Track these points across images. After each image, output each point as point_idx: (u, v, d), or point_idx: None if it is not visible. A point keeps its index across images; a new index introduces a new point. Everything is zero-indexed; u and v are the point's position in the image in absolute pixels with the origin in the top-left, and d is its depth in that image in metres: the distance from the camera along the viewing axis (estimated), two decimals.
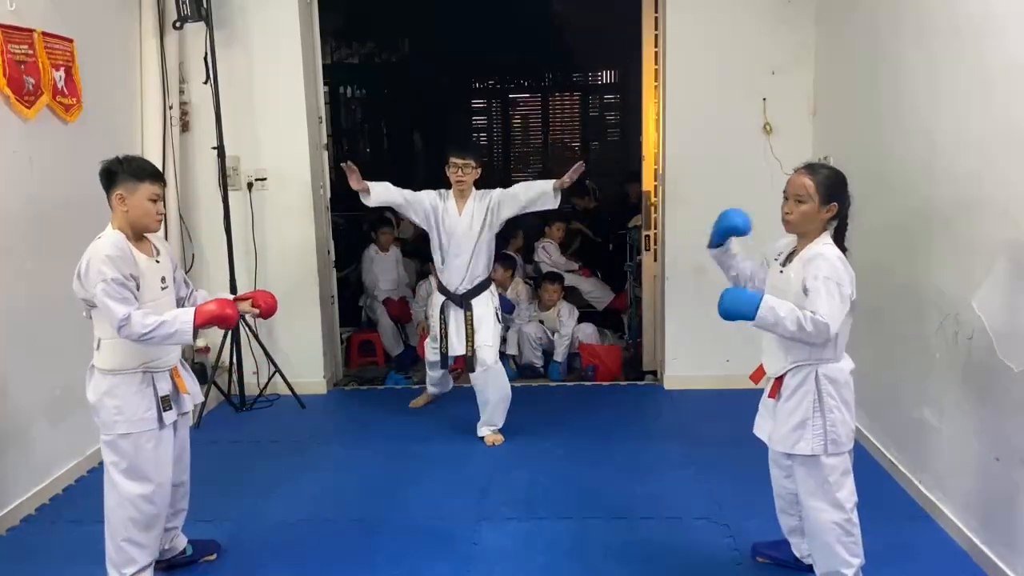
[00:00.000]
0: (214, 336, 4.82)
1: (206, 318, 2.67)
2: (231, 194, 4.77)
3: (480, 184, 4.23)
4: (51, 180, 3.72)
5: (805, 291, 2.47)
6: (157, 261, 2.77)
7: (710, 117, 4.75)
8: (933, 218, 3.28)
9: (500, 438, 4.23)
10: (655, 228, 5.11)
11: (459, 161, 4.10)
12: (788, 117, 4.72)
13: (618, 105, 10.75)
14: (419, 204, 4.19)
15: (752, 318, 2.43)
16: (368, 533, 3.27)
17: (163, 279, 2.78)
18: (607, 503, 3.51)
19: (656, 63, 4.93)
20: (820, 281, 2.42)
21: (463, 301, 4.19)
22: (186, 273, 4.80)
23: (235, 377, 4.86)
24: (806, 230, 2.57)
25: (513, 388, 4.29)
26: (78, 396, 3.88)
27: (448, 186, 4.22)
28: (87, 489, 3.77)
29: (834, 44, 4.46)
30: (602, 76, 10.89)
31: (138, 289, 2.64)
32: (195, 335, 2.68)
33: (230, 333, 4.60)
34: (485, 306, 4.21)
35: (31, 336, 3.59)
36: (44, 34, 3.65)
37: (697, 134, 4.77)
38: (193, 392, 2.95)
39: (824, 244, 2.54)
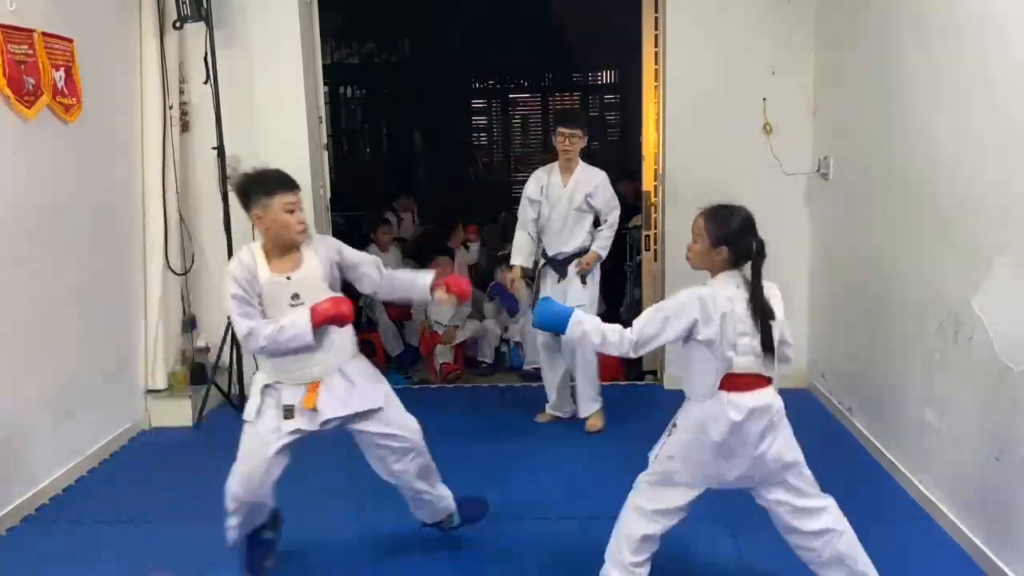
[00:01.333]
0: (214, 336, 4.83)
1: (322, 317, 2.62)
2: (231, 194, 4.76)
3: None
4: (51, 180, 3.72)
5: None
6: (288, 278, 2.67)
7: (710, 117, 4.76)
8: (933, 218, 3.28)
9: (600, 424, 4.27)
10: (655, 228, 5.11)
11: (566, 131, 4.26)
12: (788, 117, 4.72)
13: (618, 105, 10.75)
14: (537, 202, 4.31)
15: (563, 331, 2.56)
16: (368, 533, 3.27)
17: (295, 296, 2.67)
18: (607, 503, 3.50)
19: (656, 63, 4.93)
20: (652, 308, 2.54)
21: (561, 267, 4.26)
22: (186, 273, 4.87)
23: (235, 377, 4.86)
24: (703, 267, 2.58)
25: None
26: (78, 396, 3.92)
27: (553, 159, 4.39)
28: (87, 489, 3.77)
29: (834, 44, 4.46)
30: (602, 76, 10.89)
31: (261, 305, 2.66)
32: (315, 335, 2.63)
33: (230, 333, 4.59)
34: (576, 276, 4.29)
35: (31, 336, 3.59)
36: (44, 34, 3.65)
37: (697, 134, 4.77)
38: (325, 408, 2.81)
39: (707, 283, 2.53)
